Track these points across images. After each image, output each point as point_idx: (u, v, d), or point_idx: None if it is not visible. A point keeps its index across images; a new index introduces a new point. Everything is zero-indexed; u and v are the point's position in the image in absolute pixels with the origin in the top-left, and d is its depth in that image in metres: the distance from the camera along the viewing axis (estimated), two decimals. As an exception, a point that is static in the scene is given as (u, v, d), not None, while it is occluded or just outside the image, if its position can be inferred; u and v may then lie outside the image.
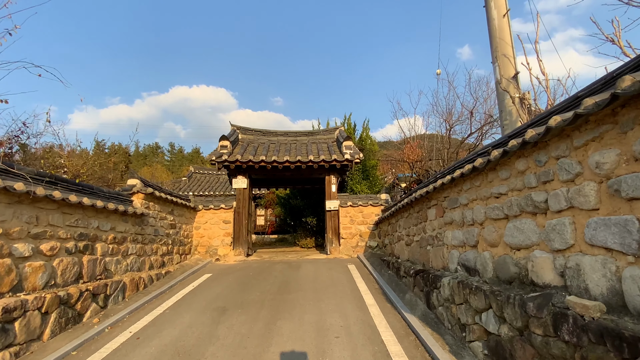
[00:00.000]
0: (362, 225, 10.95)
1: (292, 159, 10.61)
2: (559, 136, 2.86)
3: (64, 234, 5.00)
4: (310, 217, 15.22)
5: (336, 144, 12.39)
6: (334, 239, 10.93)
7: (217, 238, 10.54)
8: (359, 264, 9.39)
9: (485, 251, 4.08)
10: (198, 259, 10.09)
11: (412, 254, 7.14)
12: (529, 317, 2.85)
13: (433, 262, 5.81)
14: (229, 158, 10.38)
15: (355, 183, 14.38)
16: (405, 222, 7.74)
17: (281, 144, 12.38)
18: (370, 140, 16.05)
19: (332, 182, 11.20)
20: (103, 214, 6.00)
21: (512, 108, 5.16)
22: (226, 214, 10.70)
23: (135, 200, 7.36)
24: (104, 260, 5.94)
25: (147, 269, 7.46)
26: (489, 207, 3.97)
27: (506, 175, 3.66)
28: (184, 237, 9.71)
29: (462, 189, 4.76)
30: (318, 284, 7.25)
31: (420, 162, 12.01)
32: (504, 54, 5.36)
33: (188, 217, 10.11)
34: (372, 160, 15.05)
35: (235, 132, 12.23)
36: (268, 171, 11.11)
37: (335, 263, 9.57)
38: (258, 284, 7.37)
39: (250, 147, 11.53)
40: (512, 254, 3.55)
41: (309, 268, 8.86)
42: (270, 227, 24.56)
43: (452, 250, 5.03)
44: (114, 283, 5.95)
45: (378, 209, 10.98)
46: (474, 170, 4.16)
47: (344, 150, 10.88)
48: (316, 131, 13.42)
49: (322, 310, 5.55)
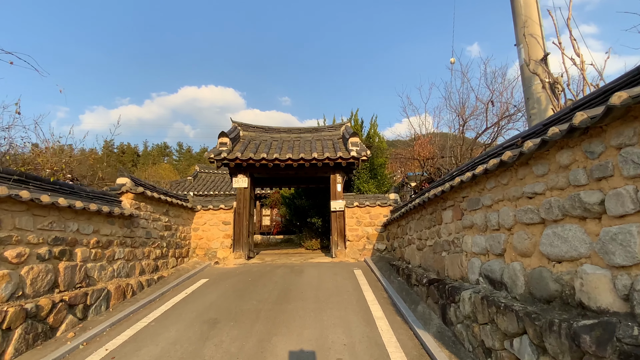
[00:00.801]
0: (370, 227, 10.31)
1: (295, 156, 10.01)
2: (622, 119, 2.20)
3: (34, 238, 4.49)
4: (315, 218, 14.60)
5: (342, 141, 11.76)
6: (340, 242, 10.31)
7: (216, 240, 10.00)
8: (365, 268, 8.76)
9: (514, 262, 3.44)
10: (196, 262, 9.57)
11: (425, 259, 6.49)
12: (583, 354, 2.21)
13: (449, 270, 5.15)
14: (228, 156, 9.81)
15: (362, 182, 13.72)
16: (416, 224, 7.09)
17: (284, 141, 11.80)
18: (378, 137, 15.33)
19: (337, 181, 10.58)
20: (84, 215, 5.49)
21: (540, 95, 4.48)
22: (226, 214, 10.16)
23: (125, 201, 6.86)
24: (85, 267, 5.43)
25: (137, 275, 6.95)
26: (520, 209, 3.32)
27: (543, 171, 3.01)
28: (180, 240, 9.20)
29: (484, 188, 4.11)
30: (321, 291, 6.65)
31: (431, 159, 11.29)
32: (531, 33, 4.68)
33: (185, 218, 9.59)
34: (380, 158, 14.36)
35: (236, 129, 11.67)
36: (270, 170, 10.55)
37: (341, 267, 8.96)
38: (256, 291, 6.80)
39: (252, 145, 10.97)
40: (550, 267, 2.90)
41: (312, 273, 8.27)
42: (276, 228, 24.01)
43: (472, 259, 4.38)
44: (96, 291, 5.43)
45: (386, 209, 10.33)
46: (500, 166, 3.51)
47: (350, 147, 10.24)
48: (321, 128, 12.76)
49: (324, 324, 4.95)
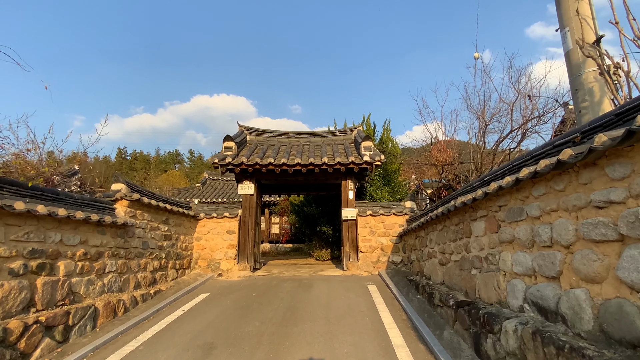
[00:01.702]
0: (384, 237, 9.57)
1: (303, 161, 9.40)
2: None
3: (5, 251, 3.95)
4: (325, 227, 13.91)
5: (354, 145, 11.12)
6: (352, 253, 9.60)
7: (219, 250, 9.40)
8: (380, 283, 8.03)
9: (575, 288, 2.72)
10: (198, 274, 8.98)
11: (449, 276, 5.74)
12: None
13: (482, 291, 4.42)
14: (233, 161, 9.26)
15: (375, 189, 13.01)
16: (438, 236, 6.36)
17: (293, 146, 11.22)
18: (391, 142, 14.63)
19: (349, 187, 9.92)
20: (69, 225, 4.95)
21: (593, 85, 3.78)
22: (230, 223, 9.57)
23: (119, 208, 6.33)
24: (69, 282, 4.88)
25: (131, 289, 6.38)
26: (585, 222, 2.61)
27: (623, 173, 2.31)
28: (181, 250, 8.63)
29: (529, 196, 3.40)
30: (332, 311, 5.96)
31: (450, 165, 10.56)
32: (580, 13, 3.99)
33: (187, 226, 9.04)
34: (394, 164, 13.65)
35: (243, 133, 11.15)
36: (278, 175, 9.96)
37: (353, 282, 8.24)
38: (260, 309, 6.15)
39: (259, 149, 10.42)
40: (636, 299, 2.18)
41: (322, 288, 7.58)
42: (285, 236, 23.37)
43: (514, 280, 3.66)
44: (81, 309, 4.86)
45: (402, 218, 9.60)
46: (556, 168, 2.81)
47: (363, 151, 9.58)
48: (331, 132, 12.15)
49: (335, 353, 4.26)
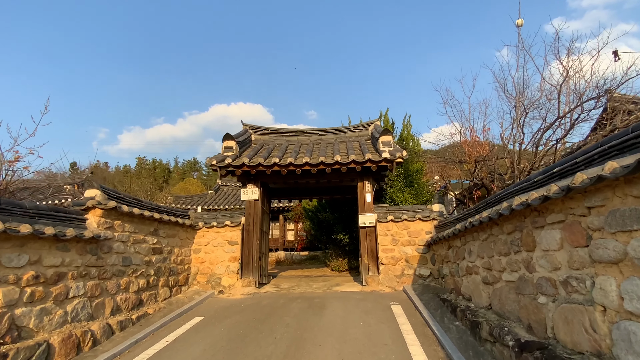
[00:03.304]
0: (409, 246, 8.24)
1: (313, 161, 8.22)
2: None
3: None
4: (341, 234, 12.63)
5: (370, 142, 9.87)
6: (371, 265, 8.31)
7: (220, 264, 8.31)
8: (406, 303, 6.71)
9: None
10: (196, 291, 7.91)
11: (500, 301, 4.39)
12: None
13: (559, 330, 3.09)
14: (233, 162, 8.17)
15: (396, 191, 11.66)
16: (482, 247, 5.01)
17: (302, 145, 10.07)
18: (413, 139, 13.26)
19: (366, 190, 8.65)
20: (10, 241, 3.95)
21: None
22: (232, 232, 8.48)
23: (91, 219, 5.33)
24: (10, 315, 3.85)
25: (107, 315, 5.34)
26: None
27: None
28: (176, 265, 7.59)
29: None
30: (347, 344, 4.71)
31: (483, 161, 9.11)
32: None
33: (183, 237, 8.00)
34: (417, 163, 12.26)
35: (247, 132, 10.10)
36: (285, 178, 8.83)
37: (374, 301, 6.95)
38: (258, 340, 4.97)
39: (264, 150, 9.32)
40: None
41: (337, 310, 6.34)
42: (301, 243, 22.20)
43: (626, 323, 2.34)
44: (26, 350, 3.82)
45: (429, 224, 8.25)
46: None
47: (381, 147, 8.31)
48: (345, 128, 10.90)
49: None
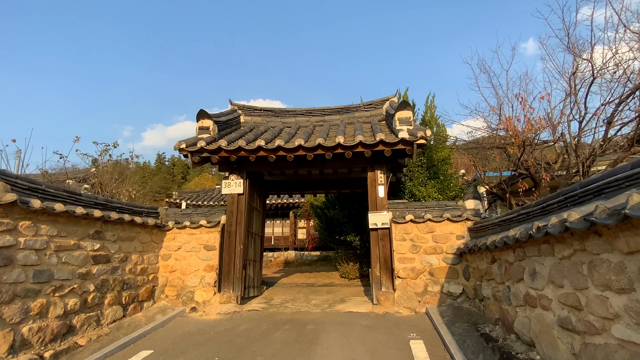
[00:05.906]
0: (434, 255, 6.31)
1: (309, 144, 6.40)
2: None
3: None
4: (352, 235, 10.76)
5: (385, 122, 7.95)
6: (385, 279, 6.43)
7: (194, 274, 6.65)
8: (432, 337, 4.82)
9: None
10: (162, 308, 6.29)
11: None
12: None
13: None
14: (207, 146, 6.45)
15: (416, 184, 9.68)
16: (558, 269, 3.06)
17: (300, 127, 8.25)
18: (437, 124, 11.16)
19: (377, 181, 6.75)
20: None
21: None
22: (209, 235, 6.79)
23: (-24, 220, 3.74)
24: None
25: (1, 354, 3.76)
26: None
27: None
28: (134, 275, 5.98)
29: None
30: None
31: (531, 145, 6.95)
32: None
33: (146, 240, 6.39)
34: (443, 152, 10.20)
35: (234, 112, 8.35)
36: (277, 166, 7.07)
37: (386, 333, 5.09)
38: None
39: (251, 133, 7.57)
40: None
41: (332, 348, 4.52)
42: (312, 242, 20.44)
43: None
44: None
45: (461, 226, 6.29)
46: None
47: (398, 125, 6.37)
48: (354, 106, 8.94)
49: None
